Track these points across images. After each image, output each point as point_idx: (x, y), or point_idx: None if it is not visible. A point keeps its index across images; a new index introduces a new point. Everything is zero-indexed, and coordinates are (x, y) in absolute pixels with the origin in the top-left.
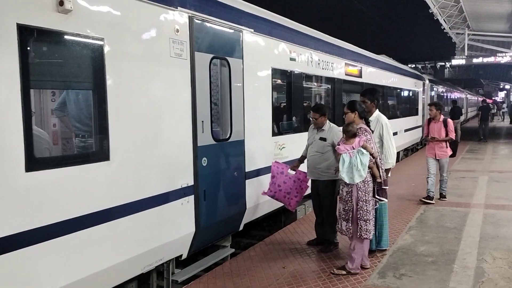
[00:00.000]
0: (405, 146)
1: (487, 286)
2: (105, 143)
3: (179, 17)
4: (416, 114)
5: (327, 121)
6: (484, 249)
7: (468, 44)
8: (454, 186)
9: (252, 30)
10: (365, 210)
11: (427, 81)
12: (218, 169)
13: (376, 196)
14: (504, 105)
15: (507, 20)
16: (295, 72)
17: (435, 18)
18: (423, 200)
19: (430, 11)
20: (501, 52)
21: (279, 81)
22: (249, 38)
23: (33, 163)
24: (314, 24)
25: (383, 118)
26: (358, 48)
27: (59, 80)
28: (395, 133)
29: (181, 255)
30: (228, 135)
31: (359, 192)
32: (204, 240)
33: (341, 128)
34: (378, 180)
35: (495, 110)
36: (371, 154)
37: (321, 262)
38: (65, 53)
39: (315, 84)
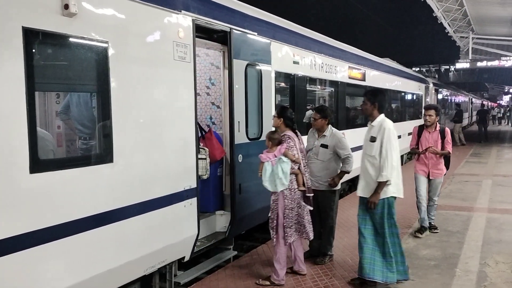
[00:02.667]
0: (409, 150)
1: None
2: (108, 145)
3: (183, 20)
4: (420, 117)
5: (329, 126)
6: (487, 253)
7: (472, 47)
8: (457, 190)
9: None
10: (291, 218)
11: (431, 85)
12: (251, 165)
13: (303, 203)
14: (508, 109)
15: (511, 24)
16: (298, 75)
17: (439, 22)
18: (416, 234)
19: (434, 15)
20: (506, 55)
21: (283, 84)
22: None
23: (38, 164)
24: (318, 27)
25: (387, 123)
26: (362, 51)
27: (64, 82)
28: (398, 136)
29: (183, 257)
30: (259, 135)
31: (286, 201)
32: (240, 227)
33: (341, 131)
34: (301, 188)
35: (501, 114)
36: (294, 161)
37: (323, 266)
38: (70, 56)
39: (318, 87)
